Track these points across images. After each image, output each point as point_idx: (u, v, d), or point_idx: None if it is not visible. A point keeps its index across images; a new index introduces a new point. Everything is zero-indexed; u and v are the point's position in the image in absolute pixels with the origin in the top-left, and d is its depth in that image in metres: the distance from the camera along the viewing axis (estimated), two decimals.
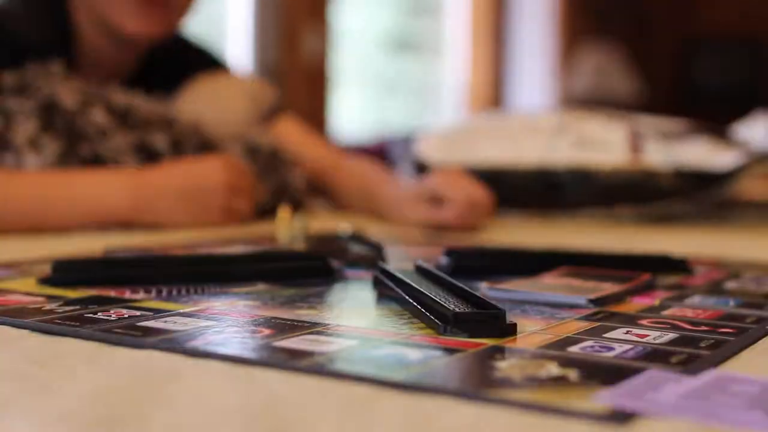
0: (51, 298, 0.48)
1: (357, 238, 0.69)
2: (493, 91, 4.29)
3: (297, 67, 3.14)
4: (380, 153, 3.02)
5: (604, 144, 1.00)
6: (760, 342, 0.40)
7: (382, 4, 3.87)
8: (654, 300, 0.50)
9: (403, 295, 0.46)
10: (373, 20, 3.84)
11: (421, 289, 0.44)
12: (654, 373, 0.33)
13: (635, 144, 1.00)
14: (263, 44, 3.07)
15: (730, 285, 0.57)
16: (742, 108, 4.20)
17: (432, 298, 0.42)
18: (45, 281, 0.53)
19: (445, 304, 0.41)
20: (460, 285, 0.45)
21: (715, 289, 0.55)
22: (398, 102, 3.99)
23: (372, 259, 0.59)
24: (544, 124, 1.03)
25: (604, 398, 0.30)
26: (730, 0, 4.74)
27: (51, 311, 0.45)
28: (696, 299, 0.51)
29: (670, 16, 4.86)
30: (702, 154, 1.06)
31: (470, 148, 1.01)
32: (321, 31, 3.20)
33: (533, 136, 1.01)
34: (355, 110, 3.67)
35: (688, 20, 4.86)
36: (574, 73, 4.26)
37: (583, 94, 4.15)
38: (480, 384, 0.33)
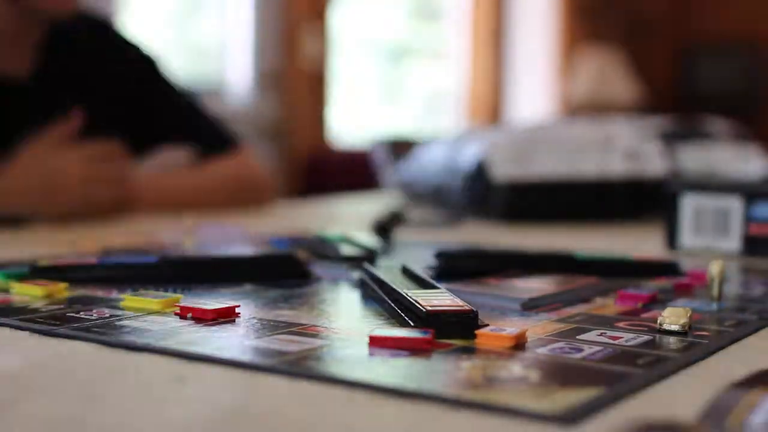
0: (38, 297, 0.49)
1: (348, 240, 0.69)
2: (494, 96, 4.29)
3: (297, 72, 3.15)
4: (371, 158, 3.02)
5: (647, 155, 1.03)
6: (732, 346, 0.41)
7: (382, 8, 3.87)
8: (637, 303, 0.50)
9: (382, 295, 0.46)
10: (373, 24, 3.84)
11: (398, 290, 0.44)
12: None
13: (669, 152, 1.03)
14: (263, 49, 3.08)
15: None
16: (742, 112, 4.18)
17: (407, 298, 0.42)
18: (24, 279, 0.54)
19: (419, 304, 0.41)
20: (439, 286, 0.46)
21: (701, 292, 0.55)
22: (398, 107, 3.99)
23: (360, 260, 0.60)
24: (593, 136, 1.05)
25: None
26: (730, 4, 4.71)
27: (36, 310, 0.45)
28: (679, 302, 0.51)
29: (670, 20, 4.84)
30: (730, 159, 1.08)
31: (532, 162, 1.02)
32: (321, 36, 3.21)
33: (587, 149, 1.03)
34: (355, 114, 3.67)
35: (688, 24, 4.83)
36: (574, 77, 4.25)
37: (583, 99, 4.13)
38: (440, 384, 0.33)
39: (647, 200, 1.02)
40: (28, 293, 0.50)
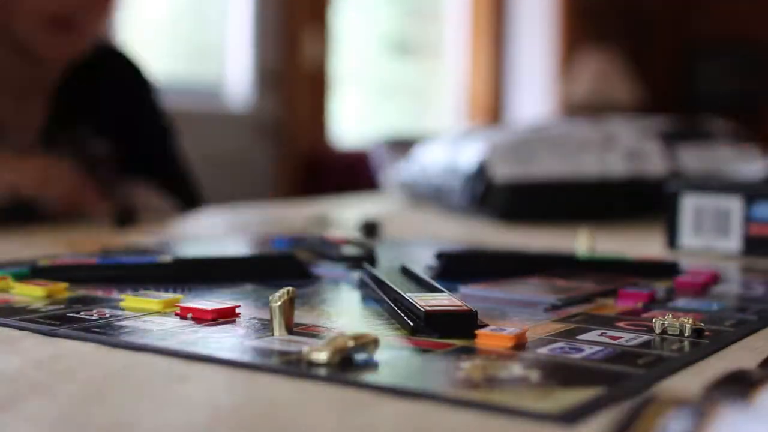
0: (38, 297, 0.49)
1: (348, 240, 0.69)
2: (493, 95, 4.29)
3: (297, 71, 3.15)
4: (368, 158, 3.02)
5: (647, 155, 1.03)
6: (733, 346, 0.41)
7: (382, 8, 3.88)
8: (637, 302, 0.50)
9: (382, 295, 0.46)
10: (373, 24, 3.84)
11: (398, 290, 0.44)
12: None
13: (669, 152, 1.04)
14: (264, 48, 3.08)
15: (719, 289, 0.57)
16: (742, 112, 4.18)
17: (406, 298, 0.42)
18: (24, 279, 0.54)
19: (417, 305, 0.41)
20: (439, 286, 0.46)
21: (701, 292, 0.55)
22: (398, 106, 3.99)
23: (359, 260, 0.60)
24: (594, 136, 1.05)
25: None
26: (730, 5, 4.71)
27: (35, 310, 0.45)
28: (680, 302, 0.51)
29: (671, 21, 4.84)
30: (730, 159, 1.08)
31: (532, 162, 1.02)
32: (321, 35, 3.21)
33: (587, 149, 1.03)
34: (355, 114, 3.67)
35: (688, 24, 4.83)
36: (574, 78, 4.25)
37: (583, 100, 4.13)
38: (437, 384, 0.33)
39: (647, 200, 1.02)
40: (28, 294, 0.50)
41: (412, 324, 0.40)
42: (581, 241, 0.62)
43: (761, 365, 0.28)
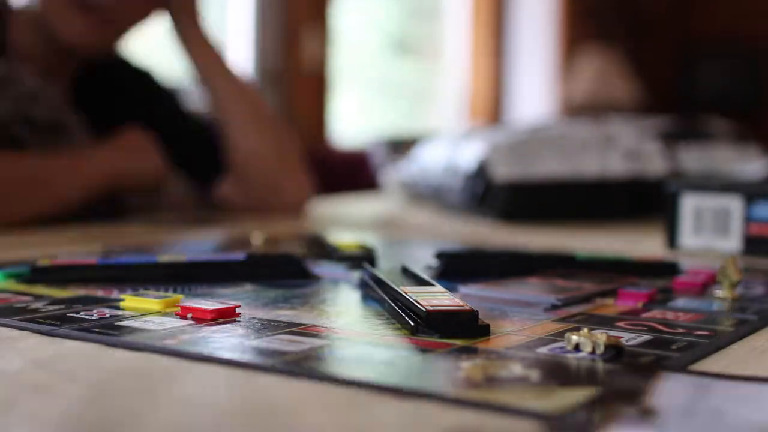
0: (38, 297, 0.49)
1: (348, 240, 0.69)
2: (493, 95, 4.29)
3: (298, 71, 3.14)
4: (368, 158, 3.02)
5: (647, 155, 1.03)
6: (733, 345, 0.41)
7: (382, 8, 3.88)
8: (637, 302, 0.50)
9: (382, 295, 0.46)
10: (374, 24, 3.84)
11: (398, 290, 0.44)
12: None
13: (669, 152, 1.04)
14: (264, 48, 3.08)
15: (719, 289, 0.57)
16: (742, 112, 4.18)
17: (407, 298, 0.42)
18: (24, 279, 0.54)
19: (419, 304, 0.41)
20: (439, 286, 0.46)
21: (701, 292, 0.55)
22: (398, 105, 3.99)
23: (359, 260, 0.60)
24: (594, 136, 1.05)
25: None
26: (730, 4, 4.71)
27: (36, 310, 0.45)
28: (680, 302, 0.51)
29: (670, 20, 4.84)
30: (730, 159, 1.08)
31: (533, 161, 1.02)
32: (321, 35, 3.21)
33: (587, 149, 1.03)
34: (355, 113, 3.67)
35: (688, 24, 4.83)
36: (574, 78, 4.25)
37: (583, 100, 4.13)
38: (438, 383, 0.33)
39: (647, 200, 1.02)
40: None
41: (412, 324, 0.40)
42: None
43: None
